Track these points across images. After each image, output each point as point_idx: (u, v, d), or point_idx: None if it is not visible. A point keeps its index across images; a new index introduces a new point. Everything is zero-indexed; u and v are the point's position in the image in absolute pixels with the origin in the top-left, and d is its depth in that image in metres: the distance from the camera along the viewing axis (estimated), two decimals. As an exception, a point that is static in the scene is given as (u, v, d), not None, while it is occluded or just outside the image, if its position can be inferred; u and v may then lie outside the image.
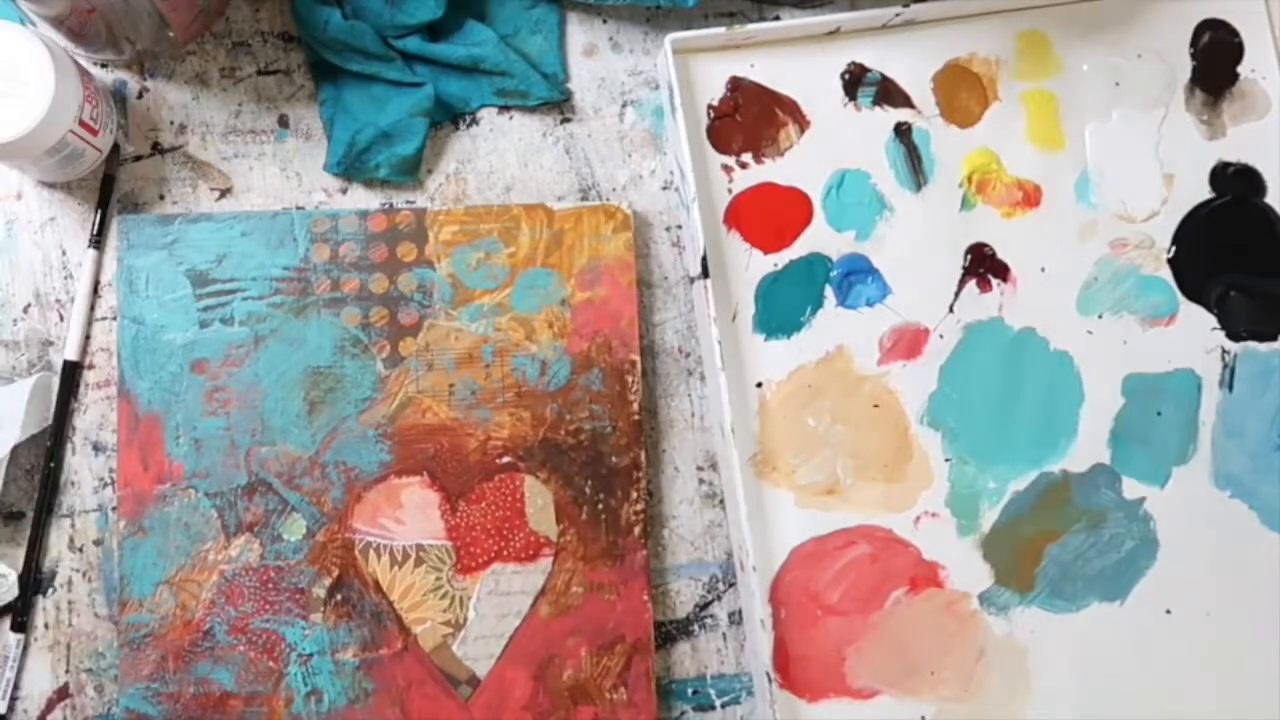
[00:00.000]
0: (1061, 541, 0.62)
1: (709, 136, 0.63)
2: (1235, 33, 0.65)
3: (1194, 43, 0.65)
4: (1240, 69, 0.65)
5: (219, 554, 0.59)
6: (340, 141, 0.62)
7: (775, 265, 0.62)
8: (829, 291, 0.62)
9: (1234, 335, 0.63)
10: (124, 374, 0.60)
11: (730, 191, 0.63)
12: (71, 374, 0.61)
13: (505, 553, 0.60)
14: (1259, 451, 0.63)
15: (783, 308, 0.62)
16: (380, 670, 0.59)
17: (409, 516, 0.60)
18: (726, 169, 0.63)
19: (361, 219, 0.61)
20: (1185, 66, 0.65)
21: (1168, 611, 0.62)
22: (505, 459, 0.61)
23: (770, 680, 0.59)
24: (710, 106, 0.63)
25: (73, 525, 0.61)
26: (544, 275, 0.62)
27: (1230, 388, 0.63)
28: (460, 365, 0.61)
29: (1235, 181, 0.64)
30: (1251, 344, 0.63)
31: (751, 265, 0.62)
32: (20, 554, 0.60)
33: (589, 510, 0.60)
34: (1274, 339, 0.64)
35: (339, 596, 0.59)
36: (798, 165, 0.63)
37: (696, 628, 0.62)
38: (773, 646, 0.60)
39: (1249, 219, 0.64)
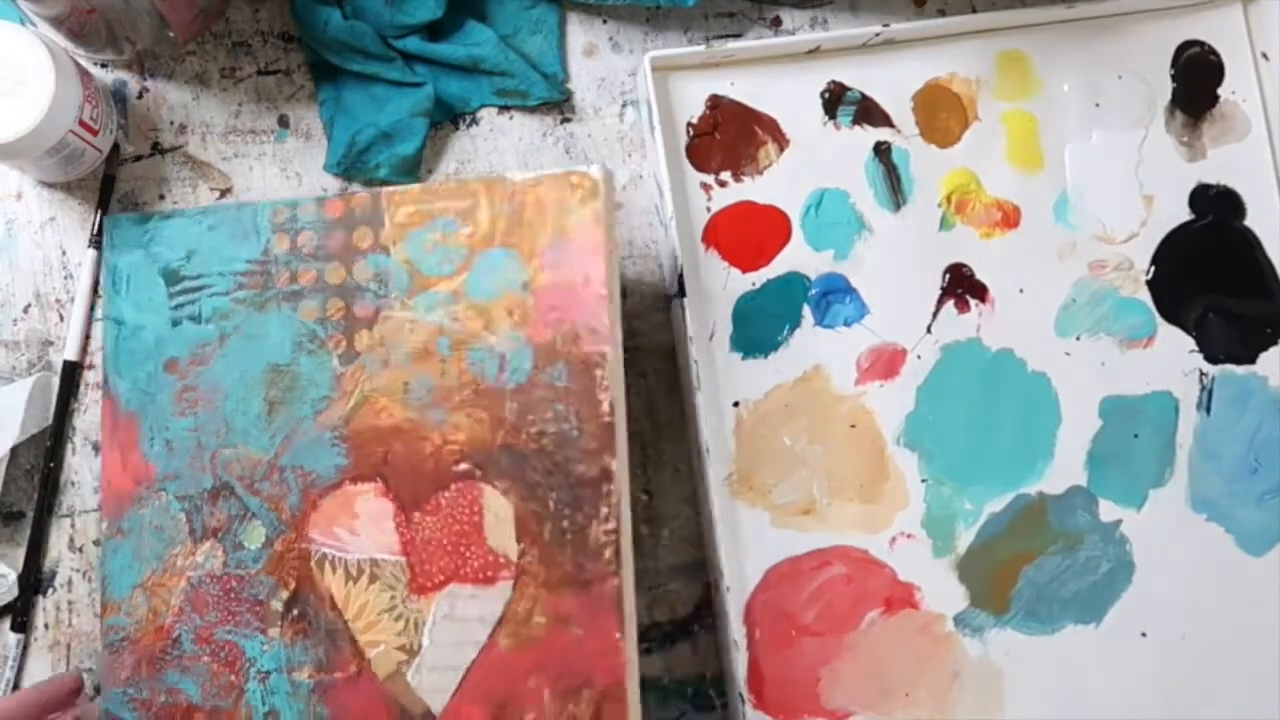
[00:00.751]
0: (1037, 563, 0.62)
1: (688, 155, 0.63)
2: (1216, 54, 0.65)
3: (1175, 64, 0.65)
4: (1221, 91, 0.65)
5: (186, 559, 0.57)
6: (340, 142, 0.62)
7: (753, 284, 0.62)
8: (807, 311, 0.62)
9: (1212, 358, 0.63)
10: (107, 375, 0.59)
11: (709, 210, 0.63)
12: (71, 374, 0.61)
13: (462, 572, 0.54)
14: (1236, 475, 0.63)
15: (760, 327, 0.62)
16: (334, 696, 0.55)
17: (363, 528, 0.55)
18: (705, 187, 0.63)
19: (319, 205, 0.58)
20: (1166, 88, 0.65)
21: (1143, 634, 0.61)
22: (462, 465, 0.54)
23: (744, 701, 0.59)
24: (689, 124, 0.63)
25: (73, 525, 0.61)
26: (502, 256, 0.55)
27: (1208, 410, 0.63)
28: (416, 360, 0.55)
29: (1215, 203, 0.64)
30: (1229, 367, 0.63)
31: (729, 284, 0.62)
32: (20, 554, 0.60)
33: (553, 527, 0.53)
34: (1252, 362, 0.63)
35: (295, 611, 0.56)
36: (777, 184, 0.63)
37: (696, 628, 0.62)
38: (747, 667, 0.60)
39: (1228, 241, 0.64)
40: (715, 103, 0.63)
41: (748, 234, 0.63)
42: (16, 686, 0.60)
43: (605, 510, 0.53)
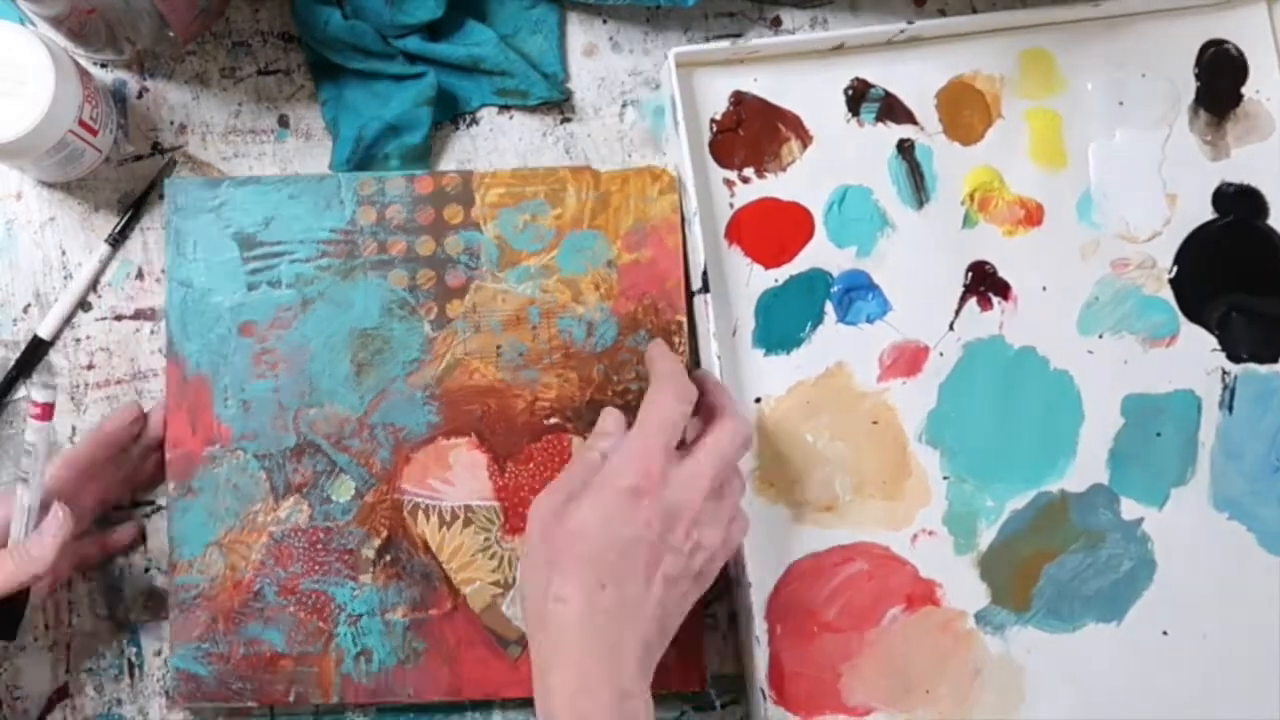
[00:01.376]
0: (1059, 561, 0.62)
1: (711, 150, 0.63)
2: (1240, 54, 0.65)
3: (1199, 63, 0.65)
4: (1245, 90, 0.65)
5: (268, 515, 0.60)
6: (346, 139, 0.62)
7: (776, 280, 0.62)
8: (829, 307, 0.62)
9: (1234, 357, 0.63)
10: (172, 337, 0.60)
11: (732, 206, 0.63)
12: (35, 349, 0.61)
13: None
14: (1258, 474, 0.63)
15: (783, 323, 0.62)
16: (430, 630, 0.59)
17: (457, 477, 0.60)
18: (728, 183, 0.63)
19: (409, 181, 0.61)
20: (1190, 87, 0.65)
21: (1165, 633, 0.61)
22: (552, 420, 0.61)
23: (764, 697, 0.59)
24: (713, 120, 0.63)
25: None
26: (590, 237, 0.61)
27: (1230, 409, 0.63)
28: (507, 327, 0.61)
29: (1238, 202, 0.64)
30: (1252, 366, 0.63)
31: (752, 280, 0.62)
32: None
33: None
34: (1274, 361, 0.63)
35: (388, 557, 0.60)
36: (800, 180, 0.63)
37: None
38: (768, 663, 0.60)
39: (1251, 240, 0.64)
40: (739, 99, 0.63)
41: (770, 230, 0.63)
42: (17, 685, 0.60)
43: None
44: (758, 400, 0.62)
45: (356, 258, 0.61)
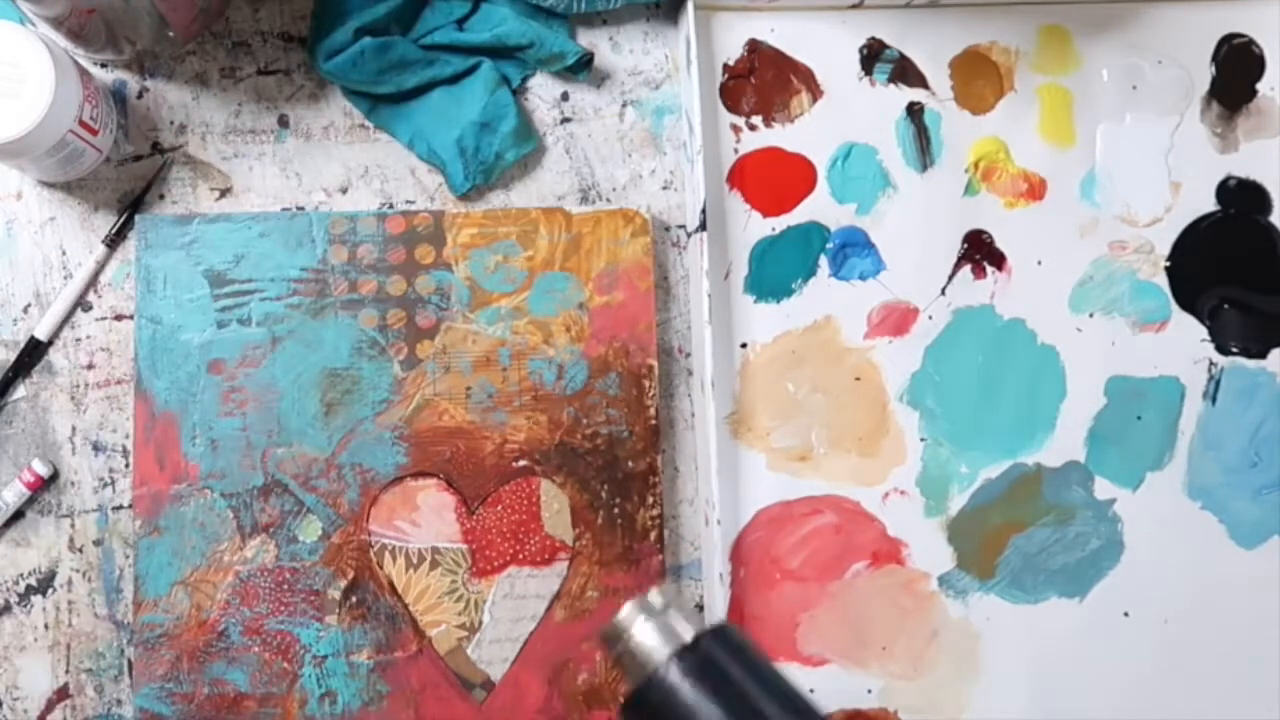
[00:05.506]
0: (1027, 533, 0.62)
1: (721, 95, 0.63)
2: (1259, 49, 0.65)
3: (1216, 55, 0.65)
4: (1260, 86, 0.65)
5: (234, 555, 0.59)
6: (454, 161, 0.62)
7: (773, 229, 0.63)
8: (823, 261, 0.63)
9: (1223, 349, 0.63)
10: (141, 373, 0.60)
11: (736, 151, 0.63)
12: (34, 350, 0.61)
13: (521, 556, 0.60)
14: (1235, 467, 0.63)
15: (776, 272, 0.63)
16: (395, 673, 0.59)
17: (425, 519, 0.60)
18: (735, 129, 0.63)
19: (380, 221, 0.61)
20: (1205, 77, 0.65)
21: (1125, 614, 0.62)
22: (522, 462, 0.61)
23: (721, 635, 0.59)
24: (726, 65, 0.63)
25: (73, 525, 0.61)
26: (562, 279, 0.61)
27: (1214, 400, 0.63)
28: (477, 368, 0.61)
29: (1242, 196, 0.64)
30: (1240, 359, 0.63)
31: (750, 227, 0.63)
32: (20, 554, 0.60)
33: (605, 515, 0.60)
34: (1263, 357, 0.63)
35: (354, 598, 0.59)
36: (807, 133, 0.63)
37: None
38: (729, 603, 0.60)
39: (1251, 235, 0.64)
40: (754, 47, 0.64)
41: (773, 179, 0.63)
42: (16, 686, 0.60)
43: (651, 499, 0.61)
44: (743, 345, 0.62)
45: (327, 296, 0.61)
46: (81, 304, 0.62)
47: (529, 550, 0.60)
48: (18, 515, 0.61)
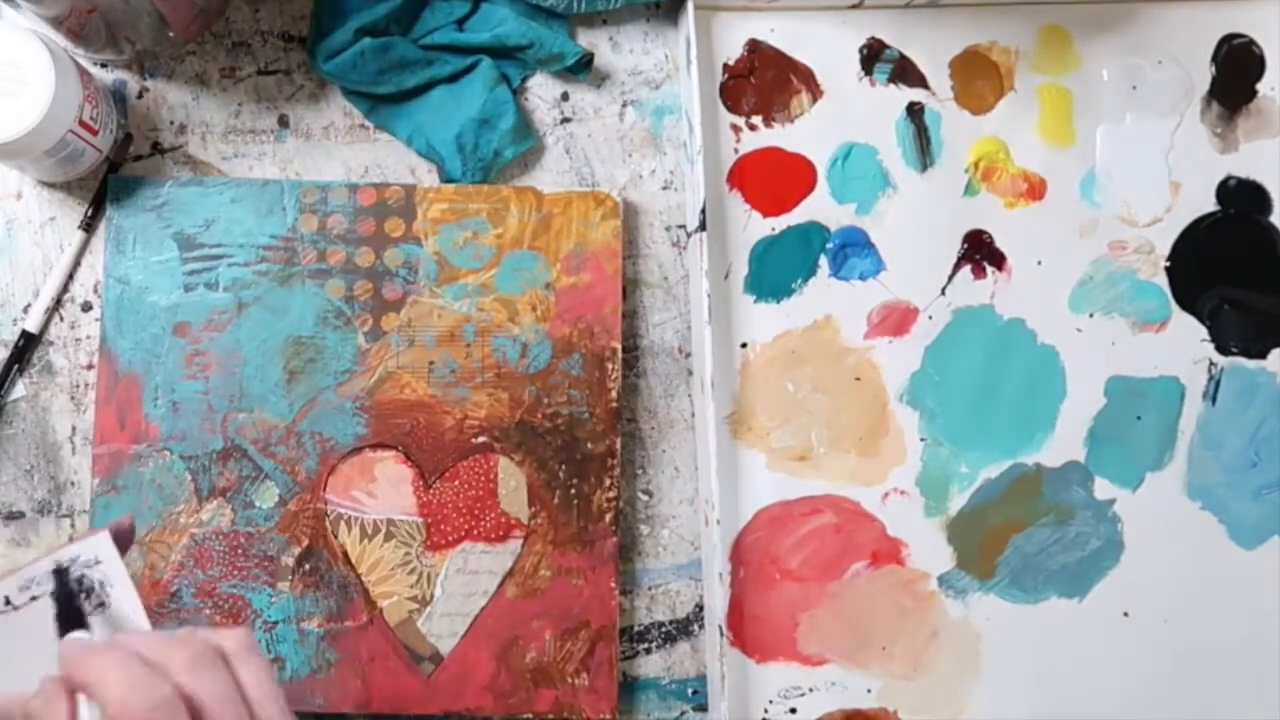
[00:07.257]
0: (1027, 533, 0.62)
1: (721, 94, 0.63)
2: (1259, 49, 0.65)
3: (1216, 55, 0.65)
4: (1260, 86, 0.65)
5: (190, 517, 0.60)
6: (453, 157, 0.62)
7: (773, 229, 0.63)
8: (823, 261, 0.63)
9: (1223, 349, 0.63)
10: (106, 332, 0.60)
11: (736, 151, 0.63)
12: (27, 344, 0.61)
13: (475, 532, 0.60)
14: (1235, 467, 0.63)
15: (776, 272, 0.63)
16: (344, 642, 0.59)
17: (381, 490, 0.60)
18: (735, 129, 0.63)
19: (351, 192, 0.61)
20: (1205, 78, 0.65)
21: (1125, 614, 0.62)
22: (481, 439, 0.61)
23: (722, 634, 0.59)
24: (726, 65, 0.63)
25: (73, 525, 0.61)
26: (530, 258, 0.61)
27: (1214, 401, 0.63)
28: (441, 343, 0.61)
29: (1241, 196, 0.64)
30: (1240, 360, 0.63)
31: (750, 227, 0.63)
32: (20, 554, 0.60)
33: (561, 494, 0.60)
34: (1263, 357, 0.63)
35: (307, 566, 0.59)
36: (807, 133, 0.63)
37: (696, 628, 0.62)
38: (728, 603, 0.60)
39: (1251, 235, 0.64)
40: (754, 47, 0.64)
41: (773, 179, 0.63)
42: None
43: (608, 481, 0.61)
44: (743, 345, 0.62)
45: (295, 265, 0.61)
46: (83, 305, 0.62)
47: (484, 526, 0.60)
48: (18, 515, 0.61)
